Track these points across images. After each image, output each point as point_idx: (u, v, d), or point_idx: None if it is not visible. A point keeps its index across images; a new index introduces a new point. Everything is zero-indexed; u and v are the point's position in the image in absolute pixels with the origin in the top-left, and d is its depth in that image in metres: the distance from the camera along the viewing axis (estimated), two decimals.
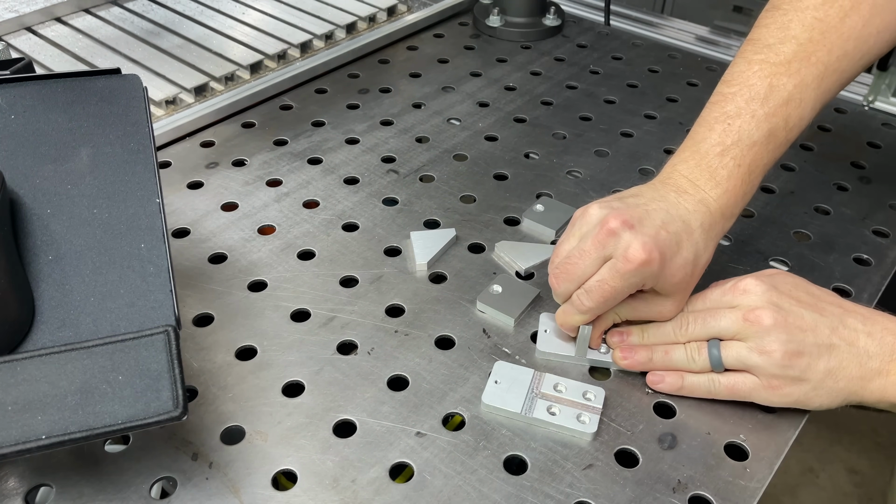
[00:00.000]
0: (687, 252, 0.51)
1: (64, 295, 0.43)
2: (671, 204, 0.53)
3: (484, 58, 0.94)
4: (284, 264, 0.63)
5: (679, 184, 0.54)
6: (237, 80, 0.86)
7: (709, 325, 0.51)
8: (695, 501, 0.47)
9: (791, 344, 0.48)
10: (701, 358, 0.51)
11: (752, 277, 0.52)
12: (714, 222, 0.53)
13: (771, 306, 0.49)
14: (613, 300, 0.51)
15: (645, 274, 0.50)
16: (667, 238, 0.50)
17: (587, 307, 0.51)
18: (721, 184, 0.53)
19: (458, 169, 0.75)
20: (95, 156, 0.49)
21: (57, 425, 0.38)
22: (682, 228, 0.51)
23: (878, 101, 0.85)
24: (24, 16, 0.91)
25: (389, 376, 0.54)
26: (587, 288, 0.51)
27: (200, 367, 0.54)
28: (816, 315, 0.49)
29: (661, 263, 0.50)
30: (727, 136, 0.54)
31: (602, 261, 0.50)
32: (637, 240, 0.49)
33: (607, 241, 0.50)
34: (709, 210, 0.53)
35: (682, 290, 0.53)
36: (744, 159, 0.54)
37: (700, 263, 0.53)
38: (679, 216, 0.52)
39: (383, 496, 0.46)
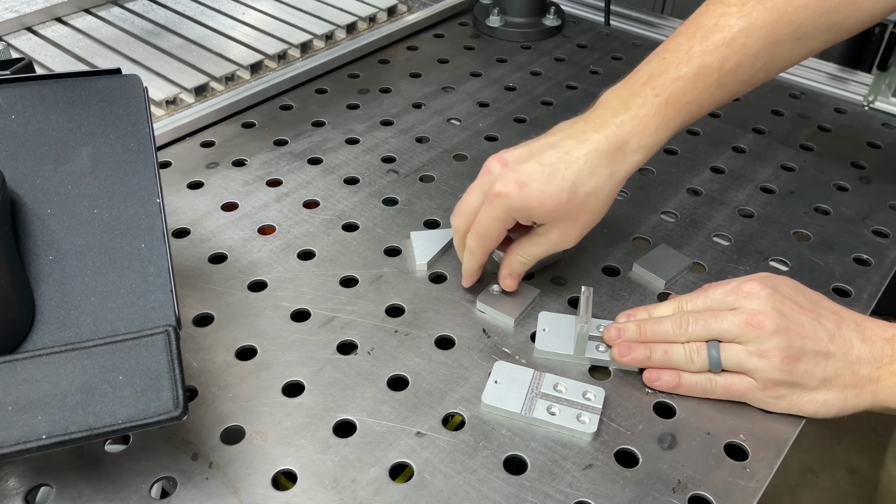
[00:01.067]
0: (561, 181, 0.52)
1: (64, 295, 0.43)
2: (567, 134, 0.54)
3: (484, 58, 0.94)
4: (284, 264, 0.63)
5: (593, 112, 0.55)
6: (237, 80, 0.86)
7: (710, 327, 0.51)
8: (695, 501, 0.47)
9: (791, 350, 0.48)
10: (700, 358, 0.51)
11: (755, 281, 0.51)
12: (609, 150, 0.53)
13: (774, 311, 0.49)
14: (489, 236, 0.55)
15: (507, 206, 0.53)
16: (535, 169, 0.53)
17: (472, 246, 0.56)
18: (631, 110, 0.53)
19: (458, 169, 0.75)
20: (96, 156, 0.49)
21: (57, 425, 0.38)
22: (560, 158, 0.53)
23: (878, 101, 0.85)
24: (25, 16, 0.91)
25: (389, 376, 0.54)
26: (473, 227, 0.56)
27: (200, 367, 0.54)
28: (815, 322, 0.50)
29: (522, 195, 0.52)
30: (656, 69, 0.54)
31: (483, 197, 0.55)
32: (501, 176, 0.53)
33: (483, 178, 0.55)
34: (606, 137, 0.53)
35: (565, 218, 0.54)
36: (663, 90, 0.53)
37: (582, 191, 0.53)
38: (564, 146, 0.53)
39: (383, 496, 0.46)
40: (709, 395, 0.52)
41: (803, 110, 0.85)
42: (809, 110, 0.85)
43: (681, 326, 0.52)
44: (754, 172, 0.75)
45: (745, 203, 0.71)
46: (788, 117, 0.84)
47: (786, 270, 0.64)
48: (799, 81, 0.91)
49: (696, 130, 0.81)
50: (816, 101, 0.87)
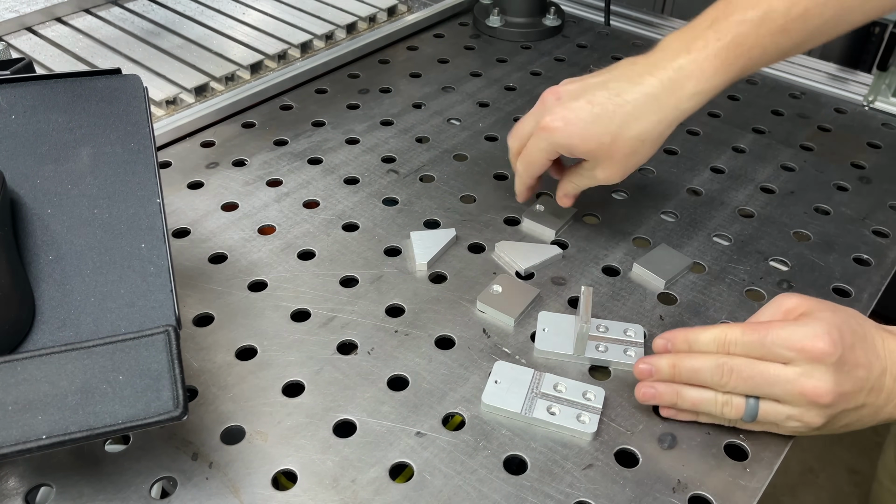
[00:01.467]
0: (607, 122, 0.54)
1: (64, 295, 0.43)
2: (622, 76, 0.55)
3: (484, 58, 0.94)
4: (284, 264, 0.63)
5: (653, 54, 0.55)
6: (237, 80, 0.86)
7: (757, 388, 0.46)
8: (695, 501, 0.47)
9: (833, 415, 0.46)
10: (735, 414, 0.48)
11: (825, 339, 0.44)
12: (662, 94, 0.53)
13: (834, 385, 0.44)
14: (533, 162, 0.59)
15: (551, 140, 0.56)
16: (582, 108, 0.55)
17: (518, 169, 0.62)
18: (691, 53, 0.53)
19: (458, 169, 0.75)
20: (96, 156, 0.49)
21: (57, 425, 0.38)
22: (609, 99, 0.54)
23: (878, 101, 0.85)
24: (25, 16, 0.91)
25: (389, 376, 0.54)
26: (519, 149, 0.60)
27: (200, 366, 0.54)
28: (865, 378, 0.46)
29: (566, 131, 0.55)
30: (721, 13, 0.54)
31: (535, 125, 0.58)
32: (551, 110, 0.56)
33: (538, 108, 0.59)
34: (660, 81, 0.53)
35: (607, 157, 0.56)
36: (726, 34, 0.53)
37: (626, 135, 0.54)
38: (617, 88, 0.54)
39: (383, 496, 0.46)
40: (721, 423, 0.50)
41: (803, 110, 0.85)
42: (809, 110, 0.85)
43: (722, 377, 0.47)
44: (754, 172, 0.75)
45: (745, 203, 0.71)
46: (788, 117, 0.84)
47: (786, 270, 0.64)
48: (799, 81, 0.91)
49: (696, 130, 0.81)
50: (816, 101, 0.87)
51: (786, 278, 0.63)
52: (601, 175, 0.58)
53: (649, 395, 0.50)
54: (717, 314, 0.59)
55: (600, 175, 0.58)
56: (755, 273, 0.63)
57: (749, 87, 0.89)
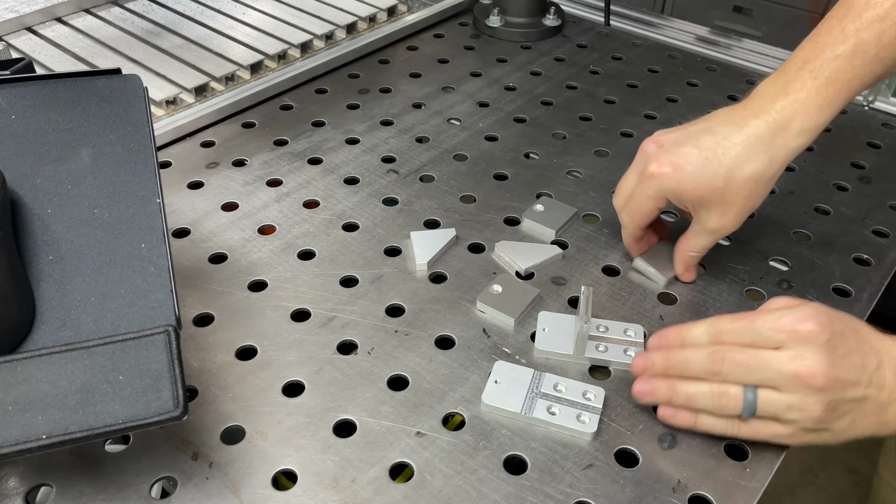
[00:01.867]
0: (717, 166, 0.52)
1: (64, 295, 0.43)
2: (724, 121, 0.54)
3: (484, 58, 0.94)
4: (284, 264, 0.63)
5: (751, 100, 0.55)
6: (237, 80, 0.86)
7: (751, 372, 0.46)
8: (695, 501, 0.47)
9: (832, 403, 0.45)
10: (732, 406, 0.47)
11: (814, 321, 0.46)
12: (768, 134, 0.53)
13: (828, 365, 0.45)
14: (640, 211, 0.57)
15: (661, 186, 0.54)
16: (691, 153, 0.53)
17: (624, 219, 0.59)
18: (790, 95, 0.53)
19: (458, 169, 0.75)
20: (96, 156, 0.49)
21: (57, 425, 0.38)
22: (717, 143, 0.53)
23: (878, 101, 0.85)
24: (25, 16, 0.91)
25: (389, 376, 0.54)
26: (626, 201, 0.58)
27: (200, 366, 0.54)
28: (860, 366, 0.46)
29: (676, 177, 0.53)
30: (811, 52, 0.53)
31: (638, 178, 0.56)
32: (656, 157, 0.54)
33: (639, 159, 0.57)
34: (766, 122, 0.53)
35: (720, 203, 0.54)
36: (822, 72, 0.52)
37: (739, 177, 0.53)
38: (723, 132, 0.53)
39: (383, 496, 0.46)
40: (727, 435, 0.49)
41: None
42: None
43: (714, 364, 0.47)
44: None
45: None
46: None
47: (786, 270, 0.64)
48: None
49: None
50: None
51: (786, 278, 0.63)
52: (715, 223, 0.55)
53: (645, 391, 0.50)
54: (717, 314, 0.59)
55: (714, 223, 0.56)
56: (755, 273, 0.63)
57: (749, 87, 0.88)
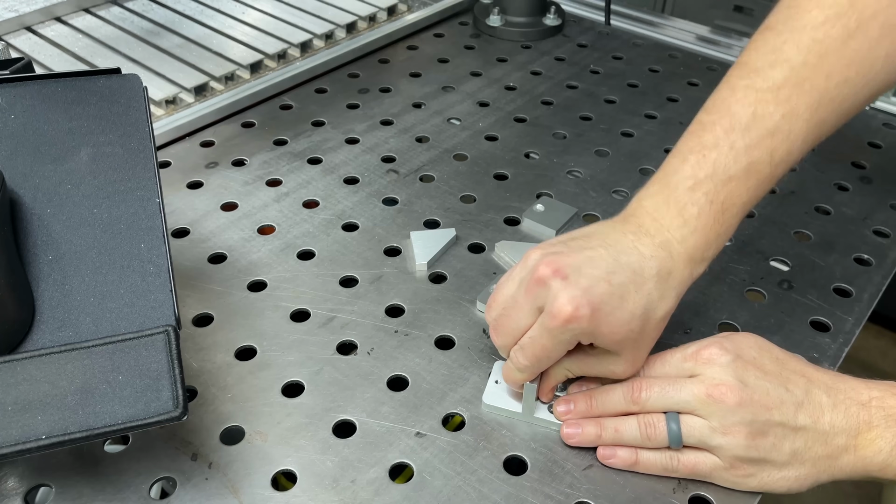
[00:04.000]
0: (633, 306, 0.46)
1: (64, 295, 0.43)
2: (624, 249, 0.47)
3: (484, 57, 0.94)
4: (284, 264, 0.63)
5: (642, 222, 0.49)
6: (237, 79, 0.86)
7: (667, 396, 0.46)
8: (695, 501, 0.47)
9: (755, 424, 0.44)
10: (658, 434, 0.46)
11: (715, 346, 0.47)
12: (676, 268, 0.48)
13: (736, 381, 0.45)
14: (548, 358, 0.47)
15: (575, 331, 0.45)
16: (606, 291, 0.45)
17: (523, 364, 0.48)
18: (689, 223, 0.48)
19: (458, 169, 0.75)
20: (95, 155, 0.49)
21: (57, 425, 0.38)
22: (630, 279, 0.46)
23: (878, 100, 0.85)
24: (24, 15, 0.91)
25: (389, 376, 0.54)
26: (521, 344, 0.47)
27: (200, 367, 0.54)
28: (782, 389, 0.45)
29: (594, 319, 0.44)
30: (700, 169, 0.48)
31: (536, 312, 0.46)
32: (565, 292, 0.44)
33: (537, 290, 0.46)
34: (670, 255, 0.47)
35: (633, 347, 0.47)
36: (717, 195, 0.48)
37: (654, 318, 0.47)
38: (630, 264, 0.46)
39: (383, 496, 0.46)
40: (670, 474, 0.47)
41: None
42: None
43: (632, 393, 0.47)
44: None
45: None
46: None
47: (786, 270, 0.64)
48: None
49: None
50: None
51: (786, 278, 0.63)
52: (620, 369, 0.48)
53: (572, 433, 0.49)
54: (717, 314, 0.59)
55: (620, 369, 0.48)
56: (756, 273, 0.63)
57: None
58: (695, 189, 0.48)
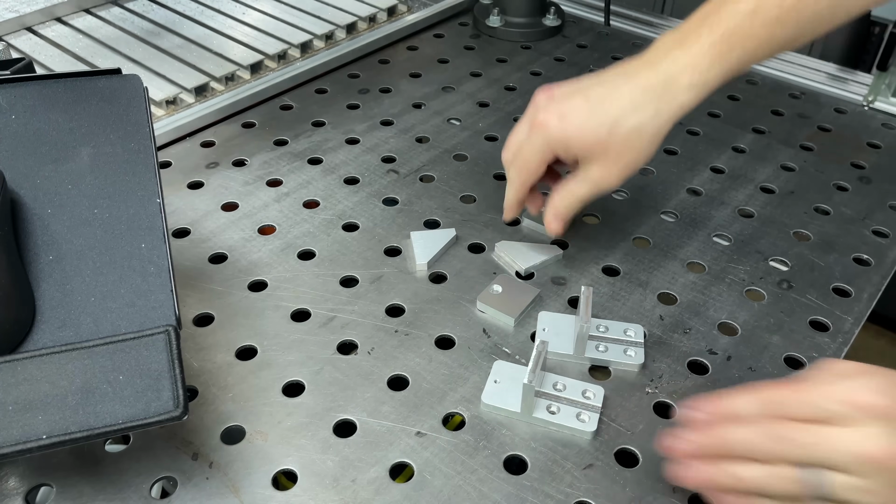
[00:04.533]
0: (603, 115, 0.52)
1: (64, 295, 0.43)
2: (616, 73, 0.54)
3: (484, 58, 0.94)
4: (284, 264, 0.63)
5: (646, 51, 0.55)
6: (237, 80, 0.86)
7: (813, 450, 0.39)
8: (695, 501, 0.47)
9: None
10: (794, 489, 0.39)
11: (873, 391, 0.39)
12: (660, 85, 0.52)
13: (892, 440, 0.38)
14: (528, 166, 0.56)
15: (546, 136, 0.54)
16: (577, 103, 0.53)
17: (511, 176, 0.58)
18: (684, 47, 0.52)
19: (458, 169, 0.75)
20: (96, 156, 0.49)
21: (57, 425, 0.38)
22: (605, 93, 0.53)
23: (878, 101, 0.85)
24: (25, 16, 0.91)
25: (389, 376, 0.54)
26: (513, 153, 0.58)
27: (200, 366, 0.54)
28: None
29: (563, 126, 0.53)
30: (712, 7, 0.53)
31: (528, 129, 0.56)
32: (544, 108, 0.54)
33: (529, 110, 0.57)
34: (655, 73, 0.52)
35: (602, 154, 0.53)
36: (718, 26, 0.52)
37: (624, 126, 0.52)
38: (612, 83, 0.53)
39: (383, 496, 0.46)
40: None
41: (803, 110, 0.85)
42: (809, 110, 0.85)
43: (767, 443, 0.39)
44: (754, 172, 0.75)
45: (745, 203, 0.71)
46: (788, 117, 0.84)
47: (786, 270, 0.64)
48: (799, 81, 0.91)
49: (696, 130, 0.81)
50: (816, 101, 0.87)
51: (786, 278, 0.63)
52: (598, 174, 0.55)
53: (684, 475, 0.42)
54: (716, 314, 0.59)
55: (597, 174, 0.55)
56: (755, 273, 0.63)
57: (749, 87, 0.89)
58: (701, 23, 0.53)
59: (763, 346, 0.57)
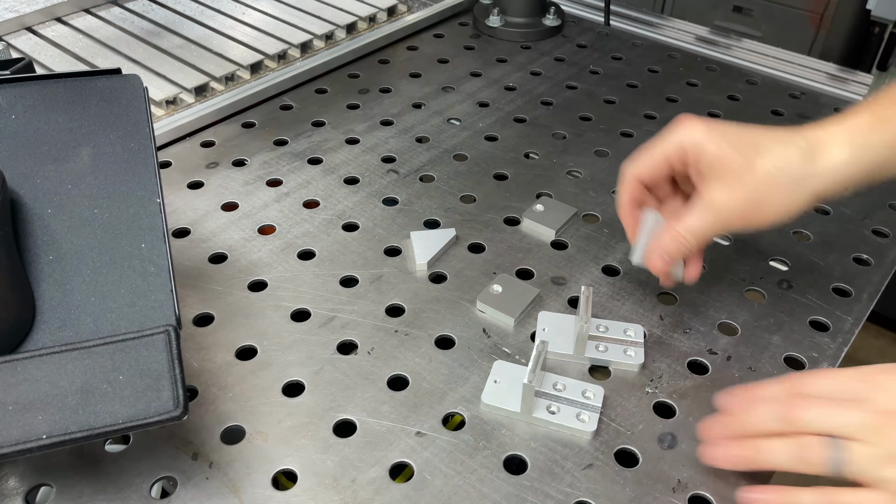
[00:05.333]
0: (747, 138, 0.50)
1: (64, 295, 0.43)
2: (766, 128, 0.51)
3: (484, 58, 0.94)
4: (284, 264, 0.63)
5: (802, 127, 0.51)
6: (237, 80, 0.86)
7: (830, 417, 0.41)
8: (695, 501, 0.47)
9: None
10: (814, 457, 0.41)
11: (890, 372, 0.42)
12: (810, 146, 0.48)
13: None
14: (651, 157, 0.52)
15: (683, 132, 0.51)
16: (729, 126, 0.51)
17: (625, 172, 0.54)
18: (842, 122, 0.49)
19: (458, 169, 0.75)
20: (96, 156, 0.49)
21: (57, 425, 0.38)
22: (755, 128, 0.51)
23: None
24: (25, 16, 0.91)
25: (389, 376, 0.54)
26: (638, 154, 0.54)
27: (200, 366, 0.54)
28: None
29: (707, 132, 0.50)
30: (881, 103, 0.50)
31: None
32: (693, 118, 0.52)
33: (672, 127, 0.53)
34: (806, 138, 0.49)
35: (730, 174, 0.49)
36: (878, 108, 0.49)
37: (763, 158, 0.48)
38: (762, 128, 0.51)
39: (383, 496, 0.46)
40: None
41: (803, 110, 0.85)
42: (809, 110, 0.85)
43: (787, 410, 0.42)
44: None
45: None
46: (788, 117, 0.84)
47: (786, 270, 0.64)
48: (799, 81, 0.91)
49: None
50: (816, 101, 0.87)
51: (786, 278, 0.63)
52: (719, 197, 0.49)
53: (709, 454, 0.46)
54: (716, 314, 0.59)
55: (718, 197, 0.49)
56: (755, 273, 0.63)
57: (749, 87, 0.89)
58: (860, 108, 0.50)
59: (763, 346, 0.57)
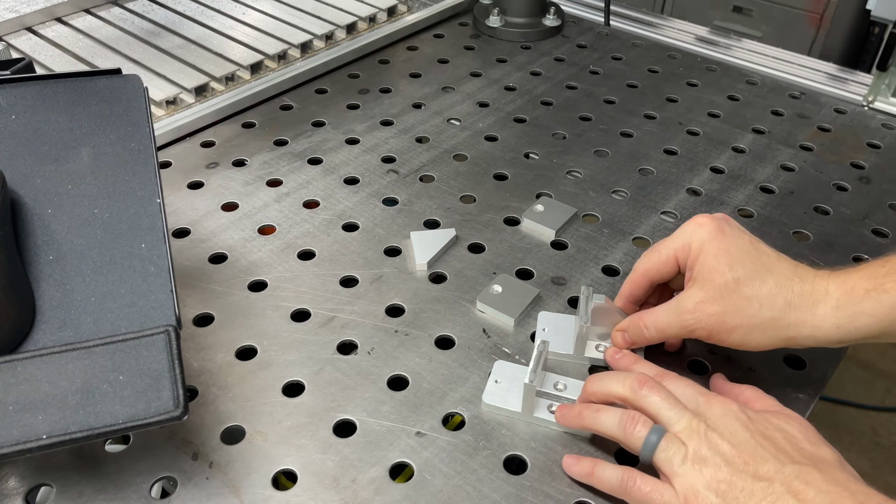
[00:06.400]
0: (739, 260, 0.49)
1: (65, 295, 0.43)
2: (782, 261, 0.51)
3: (484, 58, 0.94)
4: (284, 264, 0.63)
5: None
6: (237, 80, 0.86)
7: (669, 407, 0.45)
8: None
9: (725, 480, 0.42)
10: (635, 432, 0.45)
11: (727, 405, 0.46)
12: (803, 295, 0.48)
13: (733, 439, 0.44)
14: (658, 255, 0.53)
15: (685, 231, 0.52)
16: (734, 235, 0.51)
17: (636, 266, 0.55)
18: (839, 277, 0.48)
19: (458, 169, 0.75)
20: (96, 156, 0.49)
21: (57, 425, 0.38)
22: (757, 252, 0.50)
23: (878, 101, 0.85)
24: (25, 16, 0.91)
25: (389, 376, 0.54)
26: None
27: (201, 366, 0.54)
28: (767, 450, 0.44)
29: (713, 237, 0.50)
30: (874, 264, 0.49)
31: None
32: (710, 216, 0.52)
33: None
34: (804, 281, 0.49)
35: (710, 283, 0.49)
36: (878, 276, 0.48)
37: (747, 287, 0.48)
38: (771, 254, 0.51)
39: (383, 496, 0.46)
40: (619, 495, 0.45)
41: (803, 110, 0.85)
42: (809, 110, 0.85)
43: (639, 385, 0.46)
44: (754, 172, 0.75)
45: (745, 203, 0.71)
46: (788, 117, 0.84)
47: None
48: (799, 81, 0.91)
49: (696, 130, 0.81)
50: (816, 101, 0.87)
51: None
52: (691, 301, 0.50)
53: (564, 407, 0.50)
54: None
55: (690, 301, 0.50)
56: None
57: (749, 87, 0.89)
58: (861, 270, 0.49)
59: None
